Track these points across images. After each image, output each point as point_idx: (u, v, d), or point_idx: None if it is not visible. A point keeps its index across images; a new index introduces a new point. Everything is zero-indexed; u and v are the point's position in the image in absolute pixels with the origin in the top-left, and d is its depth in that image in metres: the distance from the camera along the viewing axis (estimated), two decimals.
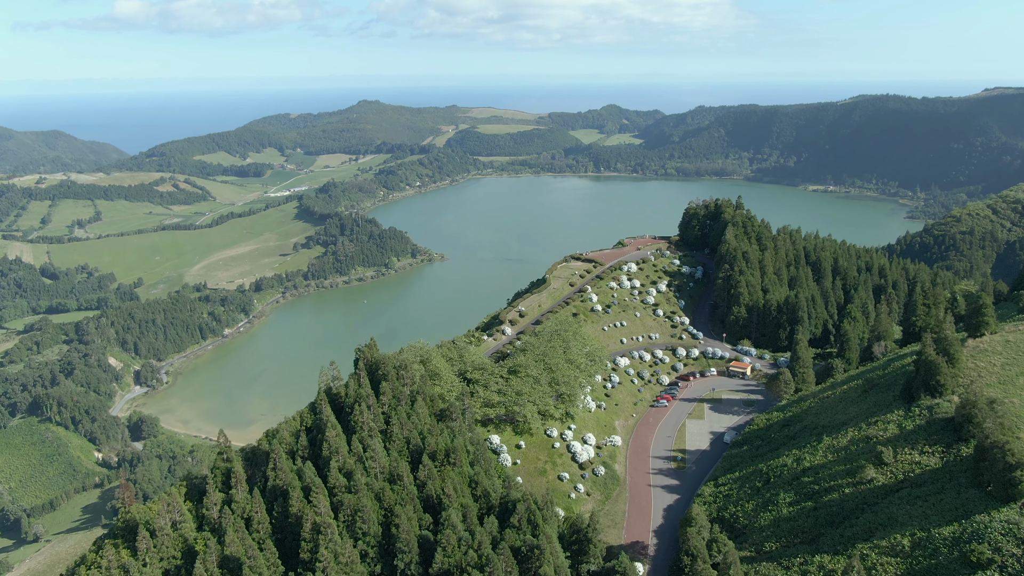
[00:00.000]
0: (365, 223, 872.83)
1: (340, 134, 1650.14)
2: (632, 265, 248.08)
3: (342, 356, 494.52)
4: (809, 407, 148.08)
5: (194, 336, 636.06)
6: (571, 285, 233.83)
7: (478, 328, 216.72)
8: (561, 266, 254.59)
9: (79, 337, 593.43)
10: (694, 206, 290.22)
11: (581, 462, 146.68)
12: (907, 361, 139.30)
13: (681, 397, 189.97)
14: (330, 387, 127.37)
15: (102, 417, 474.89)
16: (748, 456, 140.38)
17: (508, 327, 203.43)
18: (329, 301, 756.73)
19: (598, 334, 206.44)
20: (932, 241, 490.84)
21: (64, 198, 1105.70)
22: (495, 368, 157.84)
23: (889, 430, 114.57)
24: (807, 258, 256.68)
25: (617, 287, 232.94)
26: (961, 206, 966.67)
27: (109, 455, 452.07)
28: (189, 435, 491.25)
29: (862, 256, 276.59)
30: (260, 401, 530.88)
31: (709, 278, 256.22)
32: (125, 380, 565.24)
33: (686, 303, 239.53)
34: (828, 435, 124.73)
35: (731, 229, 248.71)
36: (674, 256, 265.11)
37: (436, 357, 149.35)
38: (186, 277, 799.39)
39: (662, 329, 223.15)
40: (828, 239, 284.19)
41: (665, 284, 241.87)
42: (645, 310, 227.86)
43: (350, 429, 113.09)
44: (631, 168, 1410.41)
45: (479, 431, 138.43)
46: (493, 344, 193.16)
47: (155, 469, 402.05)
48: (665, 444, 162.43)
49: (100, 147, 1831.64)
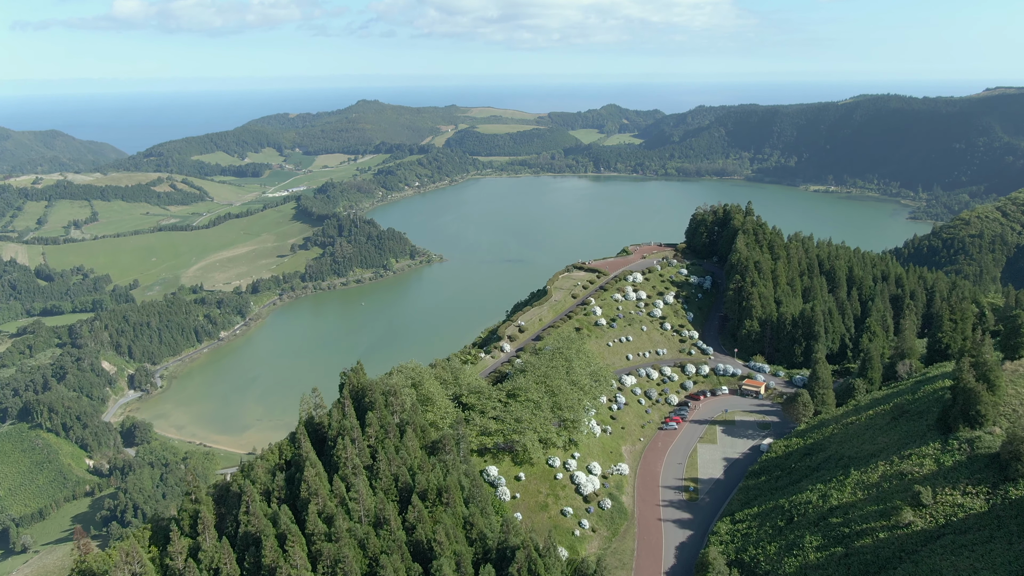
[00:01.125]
0: (363, 224, 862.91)
1: (339, 134, 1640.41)
2: (638, 275, 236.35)
3: (339, 359, 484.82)
4: (832, 434, 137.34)
5: (189, 339, 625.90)
6: (573, 297, 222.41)
7: (475, 344, 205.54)
8: (563, 276, 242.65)
9: (72, 340, 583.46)
10: (701, 212, 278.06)
11: (586, 494, 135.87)
12: (938, 385, 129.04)
13: (691, 419, 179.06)
14: (312, 416, 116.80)
15: (94, 423, 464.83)
16: (767, 488, 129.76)
17: (507, 343, 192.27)
18: (327, 303, 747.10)
19: (602, 350, 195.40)
20: (940, 244, 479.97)
21: (60, 198, 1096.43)
22: (492, 392, 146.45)
23: (925, 465, 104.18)
24: (820, 267, 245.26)
25: (622, 299, 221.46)
26: (964, 206, 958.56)
27: (101, 462, 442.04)
28: (183, 441, 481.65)
29: (877, 264, 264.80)
30: (255, 406, 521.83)
31: (718, 288, 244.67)
32: (119, 384, 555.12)
33: (694, 315, 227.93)
34: (856, 468, 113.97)
35: (741, 237, 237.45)
36: (681, 265, 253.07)
37: (428, 380, 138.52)
38: (182, 279, 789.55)
39: (670, 344, 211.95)
40: (842, 247, 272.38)
41: (672, 295, 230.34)
42: (652, 324, 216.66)
43: (333, 465, 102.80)
44: (631, 168, 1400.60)
45: (475, 462, 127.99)
46: (491, 362, 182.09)
47: (146, 477, 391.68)
48: (675, 472, 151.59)
49: (98, 147, 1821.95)
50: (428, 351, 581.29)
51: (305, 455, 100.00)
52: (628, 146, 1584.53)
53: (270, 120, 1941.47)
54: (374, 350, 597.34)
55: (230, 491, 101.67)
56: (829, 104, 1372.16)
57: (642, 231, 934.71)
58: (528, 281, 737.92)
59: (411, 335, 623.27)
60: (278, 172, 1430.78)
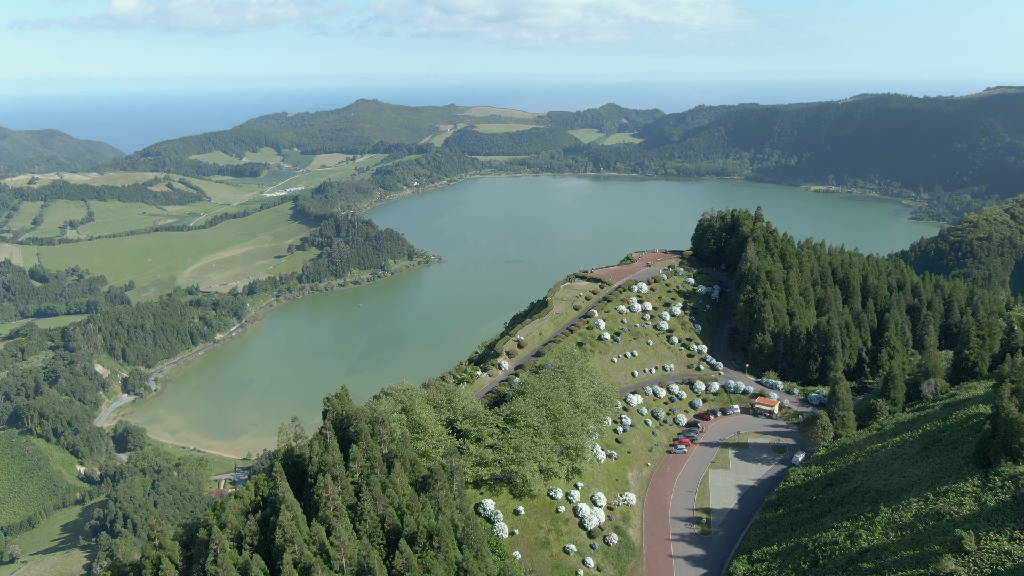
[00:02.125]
0: (361, 224, 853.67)
1: (337, 133, 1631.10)
2: (643, 285, 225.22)
3: (336, 362, 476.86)
4: (856, 462, 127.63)
5: (184, 342, 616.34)
6: (575, 309, 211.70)
7: (471, 361, 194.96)
8: (564, 286, 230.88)
9: (65, 343, 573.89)
10: (708, 218, 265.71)
11: (590, 529, 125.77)
12: (972, 411, 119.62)
13: (701, 441, 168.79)
14: (291, 448, 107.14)
15: (85, 429, 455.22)
16: (786, 523, 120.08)
17: (505, 360, 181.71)
18: (324, 305, 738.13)
19: (606, 367, 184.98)
20: (948, 247, 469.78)
21: (56, 198, 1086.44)
22: (489, 416, 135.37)
23: (965, 505, 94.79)
24: (834, 276, 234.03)
25: (627, 311, 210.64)
26: (966, 207, 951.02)
27: (92, 468, 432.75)
28: (176, 446, 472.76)
29: (892, 272, 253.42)
30: (251, 410, 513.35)
31: (727, 298, 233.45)
32: (112, 388, 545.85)
33: (703, 328, 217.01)
34: (886, 504, 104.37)
35: (752, 245, 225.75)
36: (688, 274, 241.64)
37: (420, 404, 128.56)
38: (178, 280, 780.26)
39: (677, 359, 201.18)
40: (855, 254, 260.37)
41: (680, 306, 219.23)
42: (658, 337, 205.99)
43: (313, 504, 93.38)
44: (631, 168, 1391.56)
45: (470, 495, 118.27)
46: (488, 381, 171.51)
47: (138, 486, 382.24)
48: (686, 501, 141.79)
49: (96, 146, 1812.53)
50: (426, 354, 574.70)
51: (281, 495, 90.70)
52: (628, 146, 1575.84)
53: (268, 119, 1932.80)
54: (371, 353, 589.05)
55: (198, 535, 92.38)
56: (829, 104, 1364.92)
57: (642, 231, 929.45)
58: (527, 283, 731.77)
59: (409, 338, 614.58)
60: (276, 172, 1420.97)
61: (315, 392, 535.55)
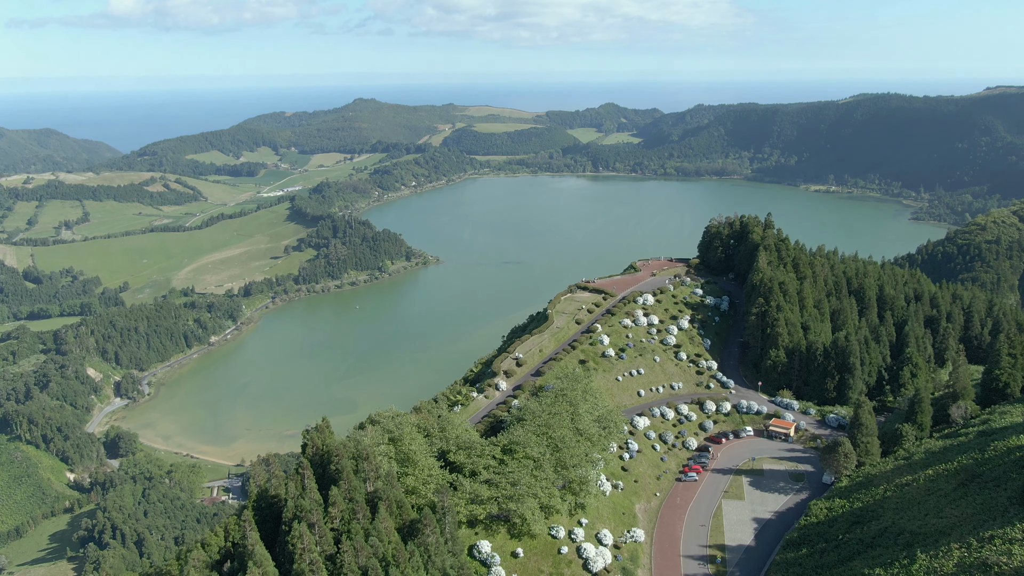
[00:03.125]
0: (359, 225, 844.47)
1: (335, 133, 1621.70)
2: (648, 297, 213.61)
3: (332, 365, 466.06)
4: (884, 498, 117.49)
5: (178, 344, 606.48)
6: (577, 323, 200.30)
7: (466, 380, 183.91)
8: (565, 298, 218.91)
9: (57, 346, 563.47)
10: (716, 224, 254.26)
11: (596, 571, 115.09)
12: (1012, 443, 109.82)
13: (713, 467, 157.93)
14: (265, 490, 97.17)
15: (75, 435, 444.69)
16: (809, 565, 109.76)
17: (503, 380, 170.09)
18: (320, 306, 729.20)
19: (611, 386, 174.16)
20: (956, 251, 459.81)
21: (51, 198, 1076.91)
22: (485, 447, 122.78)
23: (1015, 555, 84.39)
24: (848, 285, 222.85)
25: (632, 324, 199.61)
26: (967, 207, 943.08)
27: (82, 476, 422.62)
28: (169, 452, 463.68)
29: (908, 282, 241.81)
30: (245, 415, 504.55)
31: (737, 310, 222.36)
32: (104, 392, 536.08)
33: (712, 342, 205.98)
34: (922, 550, 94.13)
35: (763, 255, 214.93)
36: (695, 284, 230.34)
37: (410, 433, 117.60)
38: (173, 281, 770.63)
39: (686, 377, 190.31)
40: (870, 262, 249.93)
41: (687, 319, 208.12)
42: (665, 353, 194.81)
43: (288, 555, 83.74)
44: (630, 168, 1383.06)
45: (464, 535, 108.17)
46: (484, 403, 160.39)
47: (127, 494, 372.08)
48: (698, 537, 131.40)
49: (93, 145, 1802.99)
50: (423, 358, 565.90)
51: (250, 548, 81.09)
52: (627, 145, 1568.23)
53: (266, 119, 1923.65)
54: (367, 357, 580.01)
55: None
56: (829, 103, 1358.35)
57: (642, 232, 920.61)
58: (526, 285, 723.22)
59: (406, 341, 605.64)
60: (273, 171, 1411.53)
61: (310, 396, 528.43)
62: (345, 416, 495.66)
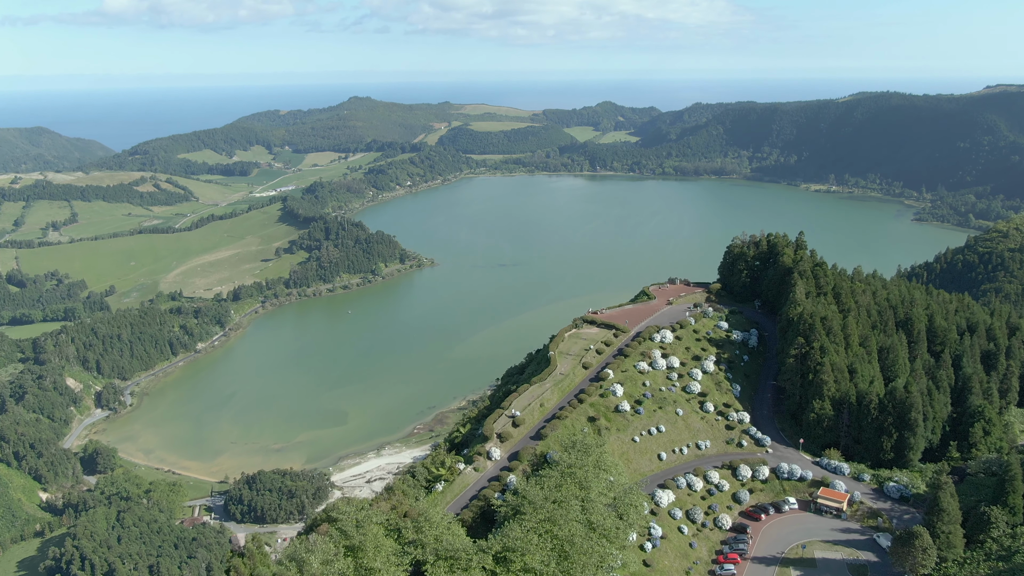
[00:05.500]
0: (352, 226, 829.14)
1: (330, 131, 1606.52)
2: (666, 333, 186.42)
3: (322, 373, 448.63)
4: None
5: (163, 352, 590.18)
6: (584, 367, 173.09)
7: (451, 444, 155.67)
8: (570, 335, 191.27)
9: (36, 355, 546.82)
10: (739, 244, 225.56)
11: None
12: None
13: (753, 555, 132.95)
14: None
15: (49, 452, 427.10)
16: None
17: (495, 447, 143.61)
18: (311, 311, 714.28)
19: (626, 449, 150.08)
20: (976, 259, 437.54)
21: (39, 199, 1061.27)
22: (472, 556, 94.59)
23: None
24: (894, 315, 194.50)
25: (649, 368, 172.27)
26: (971, 208, 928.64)
27: (56, 495, 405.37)
28: (150, 467, 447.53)
29: (960, 309, 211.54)
30: (230, 427, 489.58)
31: (767, 345, 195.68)
32: (84, 403, 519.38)
33: (741, 387, 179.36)
34: None
35: (800, 284, 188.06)
36: (719, 315, 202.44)
37: (374, 539, 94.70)
38: (161, 284, 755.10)
39: (714, 433, 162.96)
40: (915, 287, 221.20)
41: (713, 360, 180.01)
42: (689, 404, 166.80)
43: None
44: (628, 167, 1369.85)
45: None
46: (473, 479, 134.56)
47: (101, 519, 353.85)
48: None
49: (85, 144, 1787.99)
50: (414, 367, 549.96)
51: None
52: (624, 144, 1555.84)
53: (260, 117, 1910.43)
54: (359, 364, 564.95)
55: None
56: (829, 102, 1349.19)
57: (642, 232, 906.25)
58: (522, 289, 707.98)
59: (398, 347, 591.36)
60: (266, 171, 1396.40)
61: (299, 407, 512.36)
62: (334, 429, 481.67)
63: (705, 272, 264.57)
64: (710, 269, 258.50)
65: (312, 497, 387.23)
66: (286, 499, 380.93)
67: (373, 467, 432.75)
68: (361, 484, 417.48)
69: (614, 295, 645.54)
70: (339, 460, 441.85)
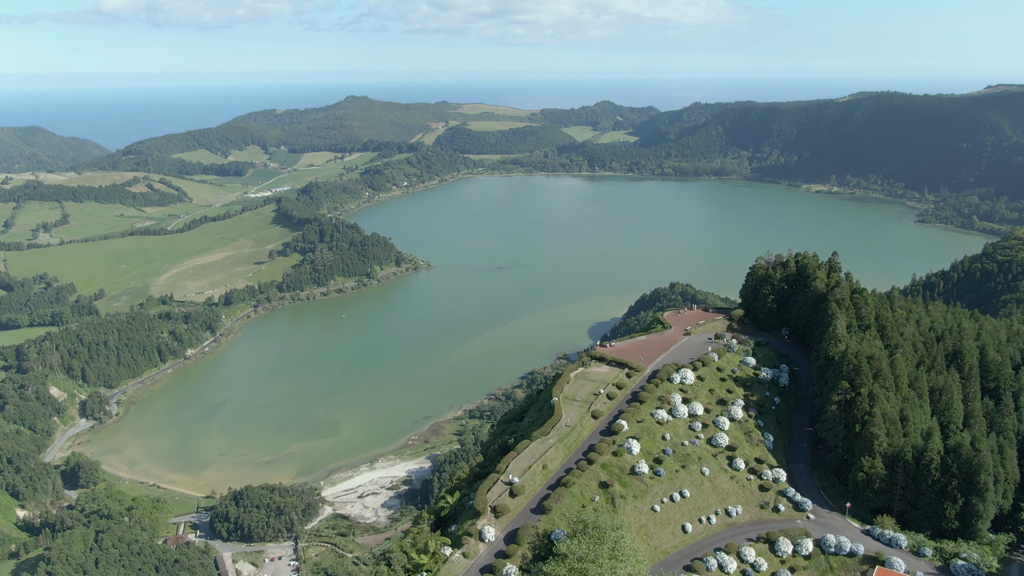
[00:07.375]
0: (347, 229, 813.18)
1: (326, 131, 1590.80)
2: (687, 372, 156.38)
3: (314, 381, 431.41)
4: None
5: (152, 359, 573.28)
6: (594, 416, 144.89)
7: (437, 520, 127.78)
8: (576, 375, 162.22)
9: (19, 363, 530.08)
10: (764, 265, 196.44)
11: None
12: None
13: None
14: None
15: (28, 466, 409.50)
16: None
17: (489, 525, 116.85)
18: (305, 315, 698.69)
19: (645, 521, 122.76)
20: (996, 268, 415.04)
21: (30, 199, 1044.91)
22: None
23: None
24: (942, 347, 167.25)
25: (668, 417, 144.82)
26: (974, 209, 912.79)
27: (34, 513, 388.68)
28: (135, 481, 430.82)
29: (1012, 338, 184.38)
30: (219, 438, 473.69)
31: (799, 383, 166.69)
32: (68, 413, 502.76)
33: (774, 437, 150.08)
34: None
35: (840, 316, 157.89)
36: (745, 348, 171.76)
37: None
38: (152, 288, 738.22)
39: (746, 495, 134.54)
40: (960, 311, 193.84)
41: (740, 405, 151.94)
42: (716, 460, 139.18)
43: None
44: (627, 167, 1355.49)
45: None
46: (462, 567, 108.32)
47: (78, 540, 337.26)
48: None
49: (80, 143, 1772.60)
50: (409, 374, 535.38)
51: None
52: (623, 144, 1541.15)
53: (256, 116, 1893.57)
54: (353, 371, 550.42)
55: None
56: (829, 102, 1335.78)
57: (642, 232, 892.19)
58: (521, 292, 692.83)
59: (393, 353, 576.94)
60: (262, 171, 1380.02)
61: (290, 417, 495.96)
62: (326, 440, 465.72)
63: (705, 274, 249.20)
64: (711, 271, 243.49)
65: (302, 514, 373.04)
66: (274, 516, 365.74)
67: (366, 480, 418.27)
68: (353, 499, 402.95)
69: (614, 298, 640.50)
70: (331, 473, 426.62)
